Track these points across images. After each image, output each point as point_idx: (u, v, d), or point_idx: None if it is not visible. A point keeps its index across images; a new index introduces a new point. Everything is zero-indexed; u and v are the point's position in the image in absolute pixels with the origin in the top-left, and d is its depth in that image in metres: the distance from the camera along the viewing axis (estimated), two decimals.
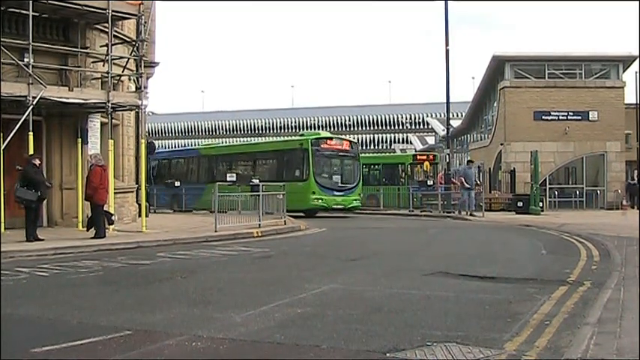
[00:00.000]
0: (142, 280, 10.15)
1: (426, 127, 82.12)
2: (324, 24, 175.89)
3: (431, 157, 36.67)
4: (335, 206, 27.58)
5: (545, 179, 32.40)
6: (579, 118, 33.46)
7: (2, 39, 15.13)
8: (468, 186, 26.37)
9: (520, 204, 28.05)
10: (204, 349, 5.85)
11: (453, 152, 46.65)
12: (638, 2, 26.52)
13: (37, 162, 14.93)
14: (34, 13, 15.50)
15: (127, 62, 18.67)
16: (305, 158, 27.46)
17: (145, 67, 18.53)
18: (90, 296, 8.58)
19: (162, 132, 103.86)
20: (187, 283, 9.78)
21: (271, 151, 32.04)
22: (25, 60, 15.48)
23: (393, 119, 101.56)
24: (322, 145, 28.05)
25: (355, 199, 28.49)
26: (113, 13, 16.83)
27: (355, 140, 32.00)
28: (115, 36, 17.88)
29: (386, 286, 9.33)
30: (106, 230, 15.47)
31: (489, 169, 39.55)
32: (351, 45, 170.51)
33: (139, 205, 20.12)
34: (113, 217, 16.34)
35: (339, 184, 28.20)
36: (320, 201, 27.11)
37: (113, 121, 18.05)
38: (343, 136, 34.18)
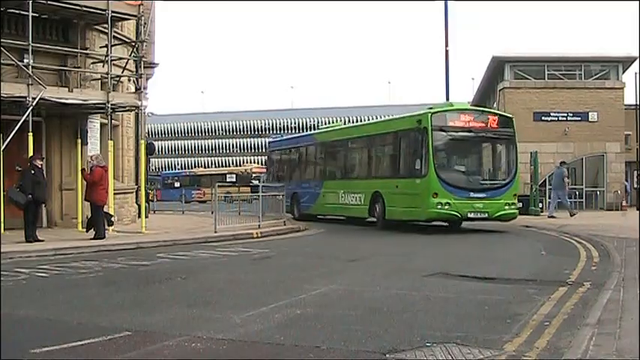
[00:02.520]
0: (141, 280, 10.15)
1: None
2: (324, 24, 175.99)
3: None
4: (472, 215, 18.65)
5: (545, 180, 32.37)
6: (579, 118, 33.43)
7: (2, 40, 15.13)
8: (560, 186, 26.75)
9: (519, 205, 27.99)
10: (204, 349, 5.85)
11: None
12: (638, 2, 26.55)
13: (39, 163, 14.94)
14: (33, 14, 15.51)
15: (127, 63, 18.68)
16: (423, 143, 18.64)
17: (144, 67, 18.55)
18: (90, 297, 8.57)
19: (162, 133, 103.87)
20: (187, 283, 9.78)
21: (385, 133, 21.85)
22: (25, 61, 15.49)
23: None
24: (451, 123, 19.12)
25: (508, 204, 19.07)
26: (113, 14, 16.84)
27: (510, 115, 21.10)
28: (114, 37, 17.89)
29: (385, 287, 9.33)
30: (106, 231, 15.46)
31: None
32: (350, 46, 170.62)
33: (139, 206, 20.12)
34: (113, 218, 16.35)
35: (480, 182, 19.42)
36: (446, 207, 18.27)
37: (113, 121, 18.06)
38: (488, 108, 26.01)
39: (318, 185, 24.69)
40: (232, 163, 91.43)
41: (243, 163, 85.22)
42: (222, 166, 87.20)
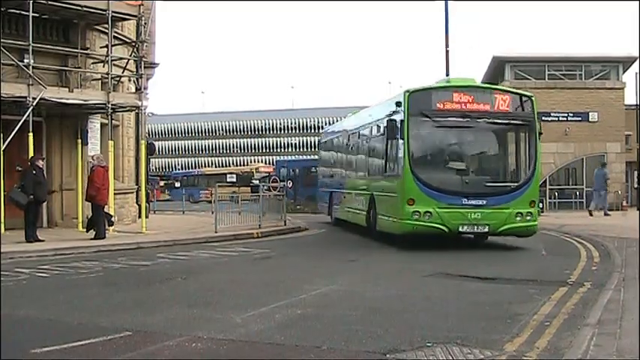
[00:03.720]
0: (142, 280, 10.15)
1: None
2: (324, 24, 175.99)
3: None
4: (465, 228, 13.93)
5: (546, 180, 32.35)
6: (579, 119, 33.42)
7: (2, 40, 15.13)
8: (598, 187, 26.97)
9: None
10: (204, 350, 5.85)
11: None
12: (638, 2, 26.54)
13: (40, 163, 14.94)
14: (34, 14, 15.50)
15: (127, 63, 18.68)
16: (399, 133, 14.13)
17: (144, 67, 18.53)
18: (90, 297, 8.57)
19: (163, 133, 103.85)
20: (187, 284, 9.78)
21: (371, 123, 17.31)
22: (25, 61, 15.48)
23: None
24: (439, 105, 14.15)
25: (521, 214, 14.04)
26: (113, 14, 16.84)
27: (529, 94, 15.04)
28: (115, 37, 17.89)
29: (386, 287, 9.33)
30: (106, 231, 15.47)
31: None
32: (351, 45, 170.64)
33: (139, 206, 20.13)
34: (113, 218, 16.34)
35: (478, 183, 14.31)
36: (426, 217, 13.67)
37: (113, 122, 18.06)
38: (492, 85, 19.62)
39: (341, 184, 20.98)
40: (232, 163, 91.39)
41: (244, 163, 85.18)
42: (222, 166, 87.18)
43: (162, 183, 61.31)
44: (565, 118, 33.46)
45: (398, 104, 14.34)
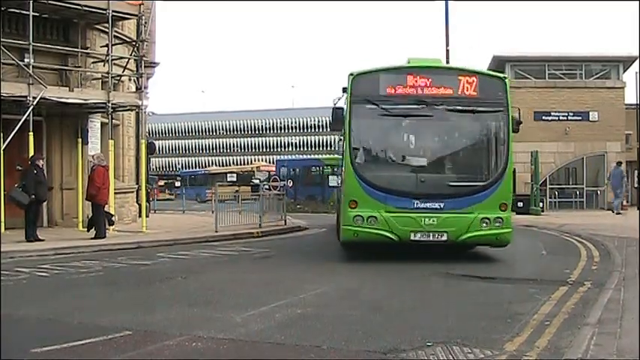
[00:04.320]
0: (142, 280, 10.15)
1: None
2: (324, 23, 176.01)
3: None
4: (418, 237, 11.74)
5: (546, 179, 32.34)
6: (579, 118, 33.40)
7: (2, 39, 15.13)
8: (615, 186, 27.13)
9: (520, 204, 27.98)
10: (205, 349, 5.85)
11: None
12: (638, 2, 26.48)
13: (41, 163, 14.95)
14: (34, 14, 15.50)
15: (128, 62, 18.67)
16: (343, 122, 12.31)
17: (145, 67, 18.52)
18: (90, 296, 8.58)
19: (163, 132, 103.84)
20: (188, 283, 9.78)
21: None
22: (26, 60, 15.47)
23: None
24: (389, 90, 12.09)
25: (487, 220, 11.76)
26: (113, 14, 16.84)
27: (501, 75, 13.05)
28: (115, 36, 17.88)
29: (386, 287, 9.33)
30: (106, 230, 15.47)
31: None
32: (351, 45, 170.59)
33: (139, 206, 20.13)
34: (113, 218, 16.34)
35: (434, 182, 11.99)
36: (370, 223, 11.66)
37: (113, 121, 18.06)
38: (453, 64, 17.05)
39: (338, 184, 19.22)
40: (232, 163, 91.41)
41: (244, 162, 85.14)
42: (222, 165, 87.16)
43: (161, 182, 61.12)
44: (565, 118, 33.46)
45: (344, 90, 12.51)
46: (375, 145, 12.63)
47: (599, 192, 33.94)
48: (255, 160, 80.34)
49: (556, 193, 33.67)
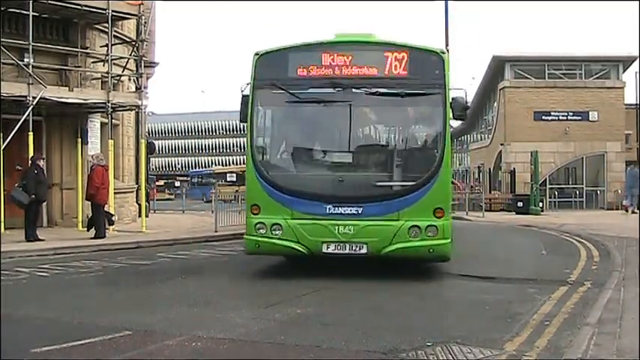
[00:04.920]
0: (142, 280, 10.15)
1: None
2: (324, 22, 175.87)
3: None
4: (331, 249, 9.58)
5: (546, 179, 32.38)
6: (579, 118, 33.44)
7: (2, 39, 15.13)
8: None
9: (520, 204, 28.03)
10: (204, 349, 5.85)
11: (454, 152, 46.68)
12: (638, 2, 26.49)
13: (41, 162, 14.95)
14: (34, 14, 15.49)
15: (127, 62, 18.66)
16: (247, 111, 10.10)
17: (145, 67, 18.51)
18: (90, 296, 8.58)
19: (163, 132, 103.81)
20: (187, 283, 9.78)
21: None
22: (25, 60, 15.46)
23: None
24: (300, 71, 10.08)
25: (416, 229, 9.46)
26: (113, 14, 16.82)
27: (436, 50, 10.07)
28: (115, 36, 17.87)
29: (386, 287, 9.32)
30: (106, 230, 15.46)
31: (489, 169, 39.55)
32: None
33: (139, 205, 20.12)
34: (113, 218, 16.33)
35: (350, 185, 9.74)
36: (275, 233, 9.68)
37: (113, 121, 18.04)
38: (377, 37, 10.72)
39: None
40: (232, 162, 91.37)
41: (244, 162, 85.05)
42: (224, 165, 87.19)
43: (161, 182, 61.03)
44: (565, 118, 33.49)
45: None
46: (281, 138, 10.57)
47: (598, 192, 33.97)
48: None
49: (556, 193, 33.71)
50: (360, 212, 9.47)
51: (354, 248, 9.49)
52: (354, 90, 9.78)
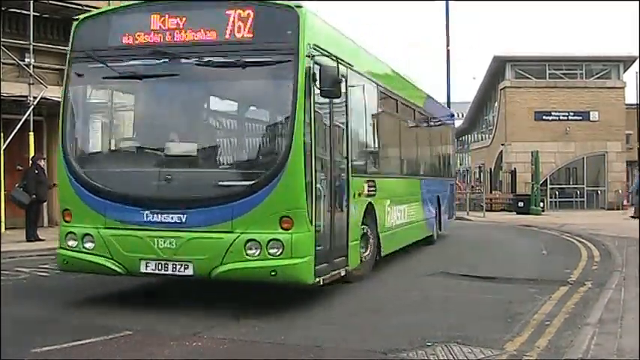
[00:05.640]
0: (142, 279, 10.12)
1: None
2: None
3: None
4: (150, 268, 7.29)
5: (546, 179, 32.39)
6: (580, 118, 33.45)
7: (3, 39, 15.14)
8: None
9: (521, 204, 28.05)
10: (205, 349, 5.85)
11: (454, 152, 46.66)
12: (638, 2, 26.51)
13: (42, 163, 14.96)
14: (34, 13, 15.51)
15: None
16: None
17: None
18: (90, 296, 8.57)
19: None
20: (187, 282, 9.76)
21: None
22: (26, 60, 15.48)
23: None
24: (124, 41, 7.69)
25: (256, 241, 7.00)
26: None
27: (292, 3, 7.32)
28: None
29: (386, 286, 9.32)
30: None
31: (490, 169, 39.55)
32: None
33: None
34: None
35: (176, 185, 7.32)
36: (86, 246, 7.50)
37: None
38: None
39: None
40: None
41: None
42: None
43: None
44: (566, 118, 33.49)
45: None
46: (96, 124, 8.50)
47: (599, 192, 33.97)
48: None
49: (556, 193, 33.73)
50: (183, 221, 7.21)
51: (177, 268, 7.21)
52: (182, 61, 7.53)
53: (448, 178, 17.41)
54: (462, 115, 49.86)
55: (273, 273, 6.95)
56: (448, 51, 29.58)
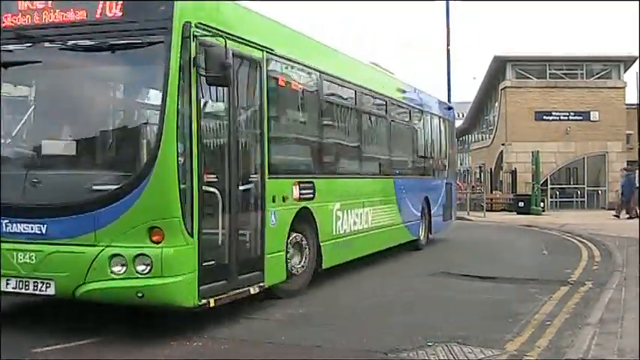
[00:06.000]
0: None
1: None
2: (323, 22, 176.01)
3: None
4: (12, 288, 6.20)
5: (547, 179, 32.36)
6: (580, 118, 33.42)
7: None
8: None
9: (521, 204, 28.02)
10: (205, 349, 5.84)
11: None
12: (638, 2, 26.48)
13: None
14: None
15: None
16: None
17: None
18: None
19: None
20: None
21: None
22: None
23: None
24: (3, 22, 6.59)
25: (122, 256, 5.90)
26: None
27: None
28: None
29: (386, 286, 9.31)
30: None
31: (491, 169, 39.53)
32: (351, 44, 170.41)
33: None
34: None
35: (41, 188, 6.26)
36: None
37: None
38: None
39: None
40: None
41: None
42: None
43: None
44: (566, 118, 33.47)
45: None
46: None
47: (600, 192, 33.95)
48: None
49: (557, 193, 33.70)
50: (43, 232, 6.19)
51: (38, 287, 6.16)
52: (46, 45, 6.65)
53: (441, 178, 15.80)
54: (463, 115, 49.89)
55: (139, 295, 5.87)
56: (448, 51, 29.55)
